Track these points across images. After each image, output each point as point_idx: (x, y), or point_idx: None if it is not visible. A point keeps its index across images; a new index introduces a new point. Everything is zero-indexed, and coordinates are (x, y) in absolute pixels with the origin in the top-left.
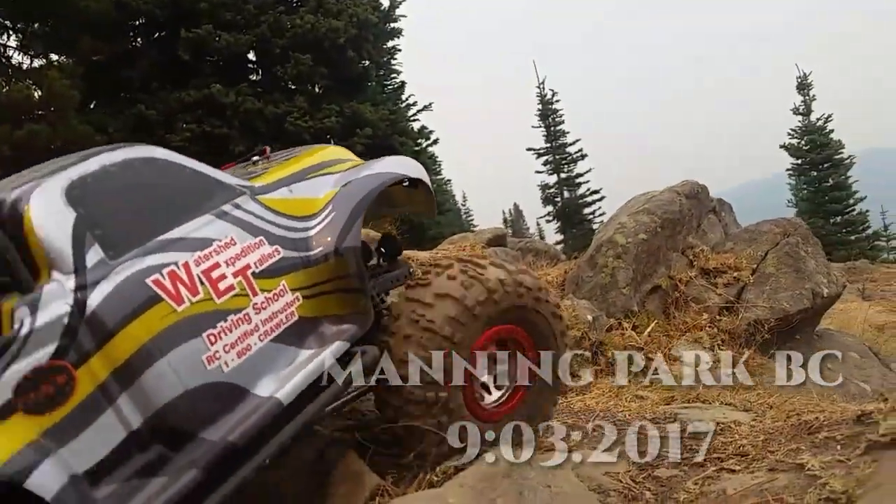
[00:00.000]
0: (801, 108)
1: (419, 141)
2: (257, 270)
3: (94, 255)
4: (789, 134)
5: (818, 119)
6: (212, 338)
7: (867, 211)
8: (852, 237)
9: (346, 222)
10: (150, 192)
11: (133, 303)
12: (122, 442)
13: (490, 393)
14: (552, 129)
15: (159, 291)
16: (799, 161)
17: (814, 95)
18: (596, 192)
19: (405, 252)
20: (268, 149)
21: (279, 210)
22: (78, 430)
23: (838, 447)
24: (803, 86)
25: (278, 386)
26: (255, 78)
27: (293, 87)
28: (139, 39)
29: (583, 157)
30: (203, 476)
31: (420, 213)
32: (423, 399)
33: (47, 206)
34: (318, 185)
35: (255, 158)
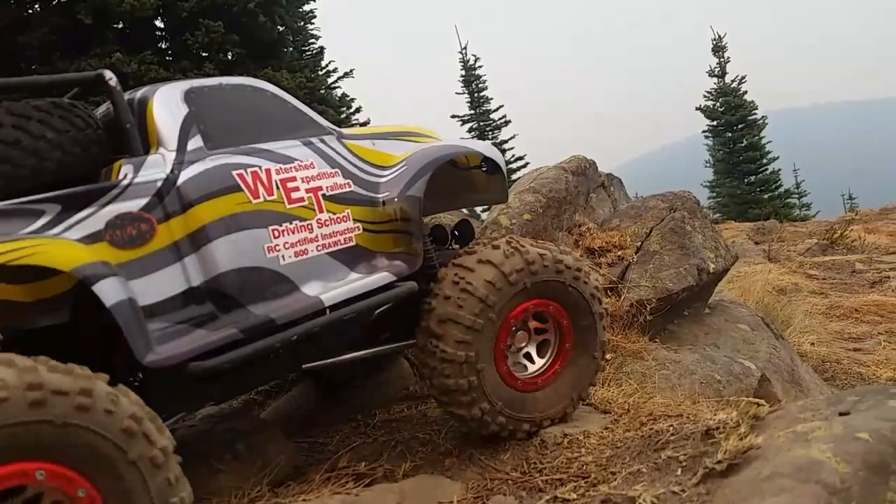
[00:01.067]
0: (717, 70)
1: (341, 109)
2: (327, 193)
3: (195, 142)
4: (705, 96)
5: (732, 81)
6: (276, 232)
7: (779, 170)
8: (766, 196)
9: (414, 176)
10: (253, 111)
11: (216, 184)
12: (181, 293)
13: (528, 364)
14: (476, 95)
15: (240, 183)
16: (714, 123)
17: (728, 57)
18: (520, 158)
19: None
20: (369, 118)
21: (359, 155)
22: (147, 271)
23: (678, 471)
24: (718, 48)
25: (324, 290)
26: (163, 46)
27: (204, 54)
28: (37, 5)
29: (507, 123)
30: (239, 336)
31: (495, 201)
32: (453, 357)
33: (167, 99)
34: (399, 146)
35: (356, 122)
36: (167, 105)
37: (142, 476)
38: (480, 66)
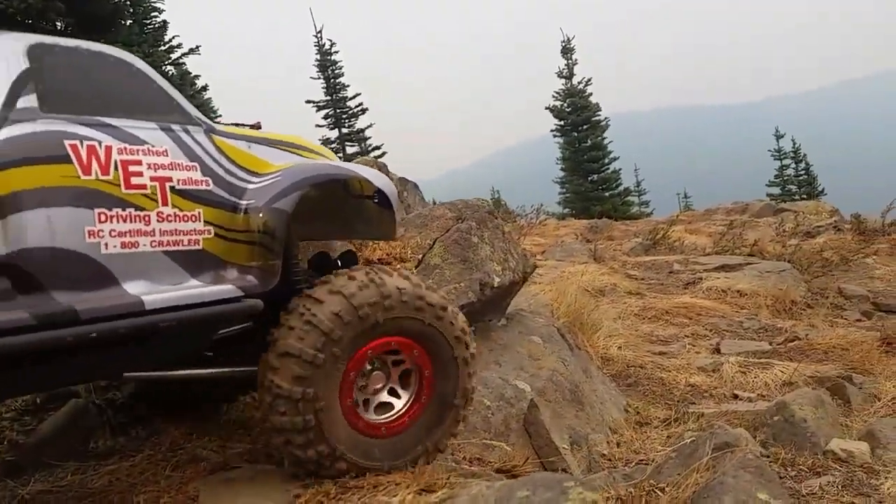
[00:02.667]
0: (565, 71)
1: (182, 87)
2: (178, 187)
3: (26, 101)
4: (553, 96)
5: (579, 83)
6: (102, 216)
7: (620, 169)
8: (607, 193)
9: (287, 188)
10: (109, 83)
11: (42, 151)
12: None
13: (381, 408)
14: (331, 81)
15: (72, 154)
16: (562, 122)
17: (576, 59)
18: (378, 147)
19: None
20: (260, 122)
21: (228, 154)
22: None
23: None
24: (567, 49)
25: (150, 291)
26: None
27: (28, 22)
28: None
29: (364, 111)
30: (31, 322)
31: (382, 237)
32: (289, 394)
33: (4, 50)
34: (279, 156)
35: (244, 124)
36: (3, 56)
37: None
38: (337, 52)
